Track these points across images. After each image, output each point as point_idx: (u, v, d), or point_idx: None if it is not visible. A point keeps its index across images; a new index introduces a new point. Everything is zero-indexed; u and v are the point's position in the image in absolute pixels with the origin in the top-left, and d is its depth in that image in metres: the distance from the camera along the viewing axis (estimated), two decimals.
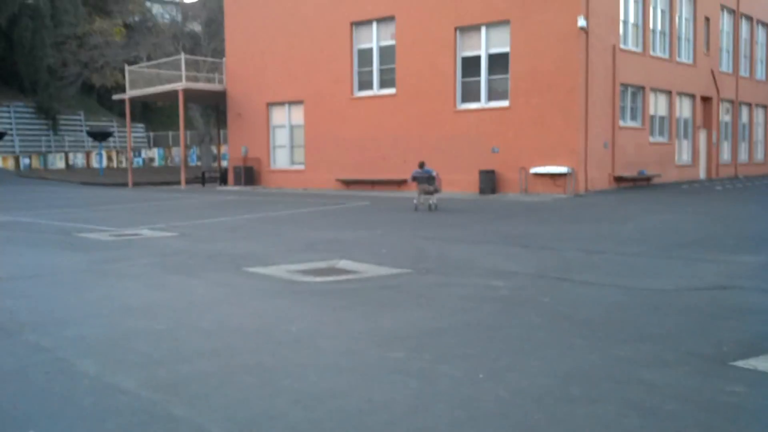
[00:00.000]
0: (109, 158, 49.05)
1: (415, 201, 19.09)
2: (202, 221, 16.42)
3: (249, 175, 30.92)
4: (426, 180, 18.72)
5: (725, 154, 33.10)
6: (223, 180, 33.46)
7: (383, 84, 27.41)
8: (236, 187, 30.71)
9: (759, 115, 36.07)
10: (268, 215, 17.80)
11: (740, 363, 4.84)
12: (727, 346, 5.30)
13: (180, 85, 31.26)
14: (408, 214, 17.85)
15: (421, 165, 19.36)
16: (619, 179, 25.01)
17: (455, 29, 25.18)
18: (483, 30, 24.80)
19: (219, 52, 37.35)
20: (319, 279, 8.64)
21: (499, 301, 7.16)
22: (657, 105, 27.92)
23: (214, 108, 39.71)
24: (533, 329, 5.93)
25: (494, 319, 6.34)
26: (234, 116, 32.20)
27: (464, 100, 25.42)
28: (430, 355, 5.16)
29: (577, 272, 8.90)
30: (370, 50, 27.69)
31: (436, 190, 18.74)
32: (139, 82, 33.95)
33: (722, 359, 4.97)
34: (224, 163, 37.50)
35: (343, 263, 9.83)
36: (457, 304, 7.01)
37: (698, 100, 30.41)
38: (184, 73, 31.62)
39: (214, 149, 44.74)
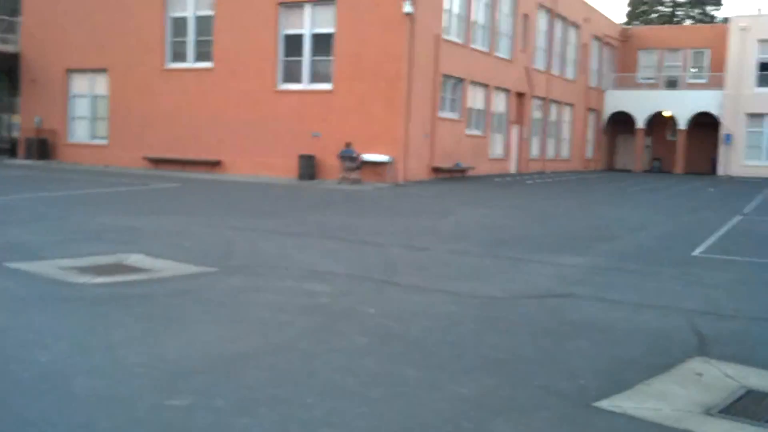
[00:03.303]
0: None
1: (340, 176, 21.90)
2: None
3: (42, 147, 27.65)
4: (349, 158, 21.77)
5: (534, 150, 34.25)
6: (13, 152, 29.82)
7: (200, 57, 25.40)
8: (27, 161, 27.36)
9: (566, 113, 37.78)
10: (55, 195, 15.54)
11: (605, 404, 4.06)
12: (584, 378, 4.53)
13: None
14: (221, 199, 16.33)
15: (348, 145, 21.93)
16: (436, 170, 24.86)
17: (278, 5, 23.76)
18: (307, 8, 23.59)
19: (16, 12, 33.27)
20: (98, 280, 7.08)
21: (317, 312, 6.05)
22: (475, 98, 28.15)
23: (7, 72, 35.40)
24: (359, 355, 4.87)
25: (311, 340, 5.21)
26: (28, 82, 28.67)
27: (286, 80, 24.10)
28: (224, 400, 3.92)
29: (403, 273, 8.02)
30: (185, 19, 25.55)
31: (358, 167, 21.76)
32: None
33: (584, 398, 4.17)
34: (16, 134, 33.53)
35: (134, 258, 8.29)
36: (266, 317, 5.82)
37: (513, 95, 31.12)
38: None
39: (11, 119, 40.13)
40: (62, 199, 14.83)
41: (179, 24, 25.69)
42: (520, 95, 31.75)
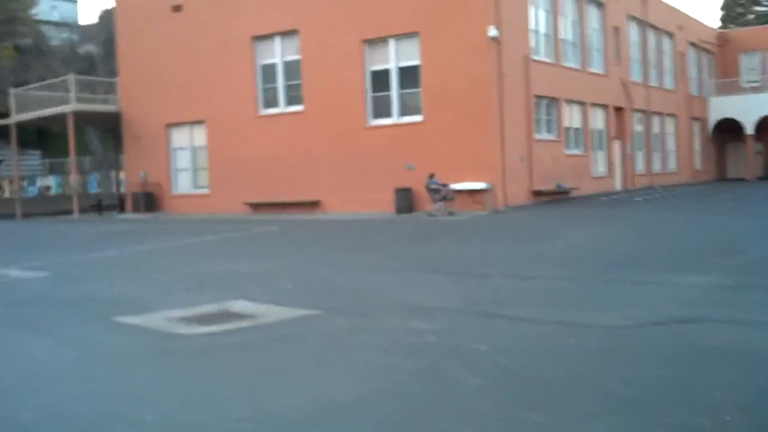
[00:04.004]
0: (0, 188, 45.54)
1: (428, 210, 21.50)
2: (85, 256, 14.46)
3: (149, 201, 28.70)
4: (434, 190, 21.34)
5: (639, 164, 32.98)
6: (122, 207, 31.10)
7: (290, 101, 25.85)
8: (135, 215, 28.46)
9: (669, 124, 36.28)
10: (161, 246, 15.93)
11: None
12: (728, 414, 4.02)
13: (69, 107, 28.83)
14: (319, 238, 16.34)
15: (431, 176, 21.55)
16: (537, 193, 24.19)
17: (362, 42, 23.92)
18: (391, 42, 23.62)
19: (116, 74, 35.03)
20: (203, 329, 7.02)
21: (424, 351, 5.74)
22: (572, 116, 27.39)
23: (111, 132, 37.22)
24: (472, 398, 4.52)
25: (420, 383, 4.90)
26: (131, 139, 29.95)
27: (376, 115, 24.13)
28: None
29: (511, 305, 7.60)
30: (275, 66, 26.11)
31: (444, 198, 21.14)
32: (31, 107, 31.30)
33: None
34: (124, 190, 35.05)
35: (238, 305, 8.24)
36: (372, 360, 5.55)
37: (611, 110, 30.14)
38: (74, 94, 29.19)
39: (118, 176, 42.11)
40: (168, 250, 15.17)
41: (268, 71, 26.26)
42: (618, 110, 30.72)
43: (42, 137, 50.06)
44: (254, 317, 7.57)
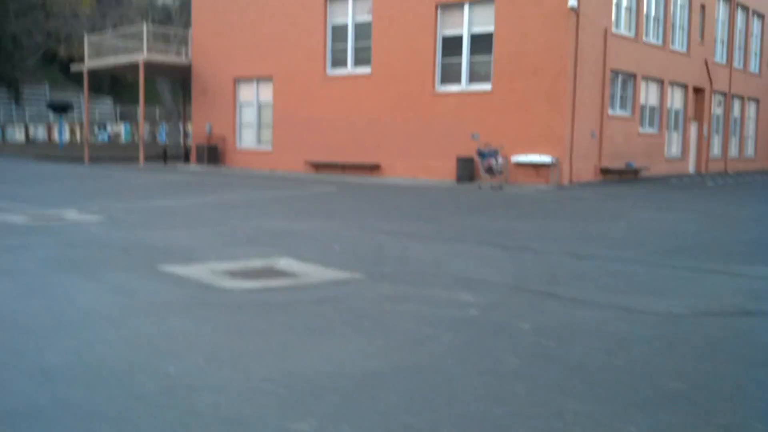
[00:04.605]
0: (73, 132, 46.78)
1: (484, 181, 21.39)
2: (143, 204, 14.62)
3: (213, 154, 29.02)
4: (483, 160, 21.10)
5: (715, 149, 31.69)
6: (187, 159, 31.53)
7: (358, 62, 25.59)
8: (198, 167, 28.81)
9: (751, 108, 34.68)
10: (219, 199, 16.01)
11: None
12: None
13: (141, 57, 29.20)
14: (376, 202, 16.16)
15: (486, 146, 21.45)
16: (605, 171, 23.45)
17: (436, 6, 23.40)
18: (466, 8, 23.04)
19: (190, 26, 35.34)
20: (245, 284, 6.93)
21: (466, 325, 5.49)
22: (648, 94, 26.36)
23: (182, 83, 37.68)
24: (508, 379, 4.26)
25: (456, 359, 4.66)
26: (199, 92, 30.22)
27: (443, 81, 23.68)
28: (351, 428, 3.47)
29: (565, 284, 7.26)
30: (345, 26, 25.83)
31: (489, 170, 20.90)
32: (105, 54, 31.84)
33: None
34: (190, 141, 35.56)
35: (283, 262, 8.12)
36: (410, 331, 5.33)
37: (690, 90, 28.92)
38: (145, 44, 29.56)
39: (183, 127, 42.74)
40: (224, 204, 15.22)
41: (339, 31, 26.02)
42: (698, 90, 29.48)
43: (115, 85, 51.09)
44: (297, 276, 7.44)
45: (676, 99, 28.33)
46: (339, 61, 26.12)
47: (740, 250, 9.85)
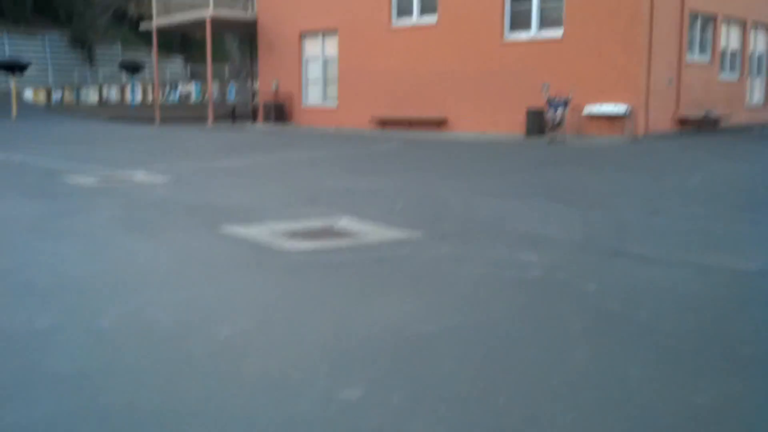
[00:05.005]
0: (145, 92, 47.70)
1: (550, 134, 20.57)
2: (209, 164, 14.76)
3: (279, 112, 29.10)
4: (552, 111, 20.43)
5: None
6: (255, 117, 31.75)
7: (424, 11, 25.03)
8: (265, 126, 28.97)
9: None
10: (284, 157, 16.04)
11: None
12: None
13: (207, 13, 29.32)
14: (441, 159, 15.92)
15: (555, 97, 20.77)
16: (682, 121, 22.46)
17: None
18: None
19: None
20: (305, 245, 6.86)
21: (526, 286, 5.28)
22: (729, 37, 25.00)
23: (249, 40, 37.80)
24: (570, 344, 4.06)
25: (514, 322, 4.47)
26: (265, 48, 30.23)
27: (513, 28, 22.95)
28: (400, 396, 3.34)
29: (635, 242, 6.93)
30: None
31: (555, 123, 20.26)
32: (173, 12, 32.12)
33: None
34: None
35: (343, 222, 8.03)
36: (468, 291, 5.16)
37: None
38: (211, 0, 29.65)
39: (253, 84, 43.04)
40: (288, 162, 15.24)
41: None
42: None
43: (185, 43, 51.65)
44: (356, 236, 7.33)
45: (759, 42, 26.80)
46: (404, 10, 25.62)
47: None
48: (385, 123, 25.65)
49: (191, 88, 50.71)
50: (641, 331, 4.28)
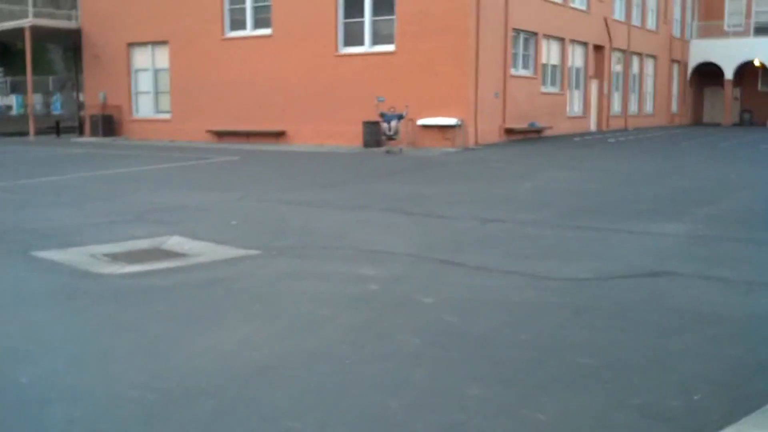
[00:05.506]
0: None
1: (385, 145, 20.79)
2: (28, 181, 13.59)
3: (108, 124, 27.53)
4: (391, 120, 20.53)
5: (616, 106, 32.30)
6: (81, 130, 29.88)
7: (258, 23, 24.60)
8: (93, 138, 27.30)
9: (649, 65, 35.50)
10: (109, 173, 15.07)
11: None
12: (698, 393, 3.46)
13: (25, 22, 27.28)
14: (280, 171, 15.59)
15: (391, 110, 20.77)
16: (509, 131, 23.48)
17: None
18: None
19: None
20: (126, 269, 6.32)
21: (364, 303, 5.11)
22: (550, 53, 26.49)
23: (74, 50, 35.59)
24: (407, 364, 3.91)
25: (351, 343, 4.28)
26: (91, 58, 28.54)
27: (347, 43, 23.05)
28: None
29: (470, 251, 6.98)
30: None
31: (387, 135, 20.50)
32: None
33: (701, 426, 3.10)
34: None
35: (173, 241, 7.53)
36: (304, 311, 4.92)
37: (591, 48, 29.26)
38: (31, 8, 27.62)
39: (77, 97, 40.55)
40: (116, 178, 14.34)
41: None
42: (598, 48, 29.85)
43: (6, 54, 47.89)
44: (186, 256, 6.88)
45: (577, 57, 28.62)
46: (237, 22, 25.05)
47: (642, 206, 9.85)
48: (222, 135, 24.93)
49: (11, 101, 47.05)
50: (479, 345, 4.22)
